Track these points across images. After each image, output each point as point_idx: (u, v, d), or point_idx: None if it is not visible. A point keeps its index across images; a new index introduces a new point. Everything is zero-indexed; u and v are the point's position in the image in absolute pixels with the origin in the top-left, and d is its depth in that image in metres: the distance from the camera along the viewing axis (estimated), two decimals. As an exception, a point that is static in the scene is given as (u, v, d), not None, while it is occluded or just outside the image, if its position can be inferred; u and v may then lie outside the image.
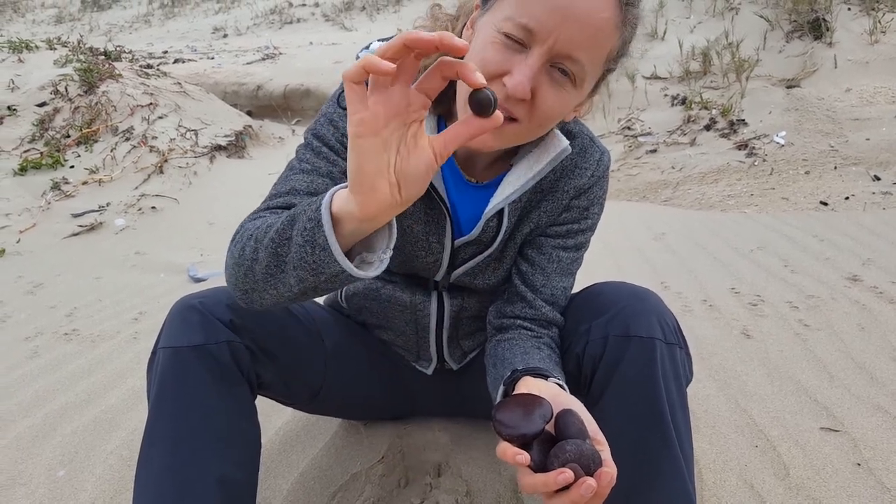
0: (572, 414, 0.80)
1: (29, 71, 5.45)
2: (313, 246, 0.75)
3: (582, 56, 0.85)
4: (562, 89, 0.88)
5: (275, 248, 0.79)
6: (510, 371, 0.98)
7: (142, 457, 0.96)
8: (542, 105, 0.88)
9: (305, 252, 0.76)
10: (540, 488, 0.73)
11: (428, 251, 1.13)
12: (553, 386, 0.89)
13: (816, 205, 3.79)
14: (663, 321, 1.00)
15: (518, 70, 0.84)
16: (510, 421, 0.78)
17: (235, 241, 0.88)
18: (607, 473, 0.72)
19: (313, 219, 0.74)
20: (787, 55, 5.59)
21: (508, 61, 0.85)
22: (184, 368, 0.97)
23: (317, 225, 0.74)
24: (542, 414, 0.78)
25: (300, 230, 0.76)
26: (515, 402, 0.81)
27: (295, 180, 0.98)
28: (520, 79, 0.84)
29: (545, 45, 0.83)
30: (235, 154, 5.09)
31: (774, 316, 2.22)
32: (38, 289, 2.95)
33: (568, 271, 1.14)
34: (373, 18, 10.77)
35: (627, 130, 5.37)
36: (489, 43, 0.87)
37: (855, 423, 1.58)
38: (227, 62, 8.47)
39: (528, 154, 1.04)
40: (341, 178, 0.99)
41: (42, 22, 15.08)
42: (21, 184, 4.24)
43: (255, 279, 0.84)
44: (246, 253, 0.84)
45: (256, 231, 0.84)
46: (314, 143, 1.02)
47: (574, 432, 0.77)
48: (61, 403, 1.82)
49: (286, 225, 0.78)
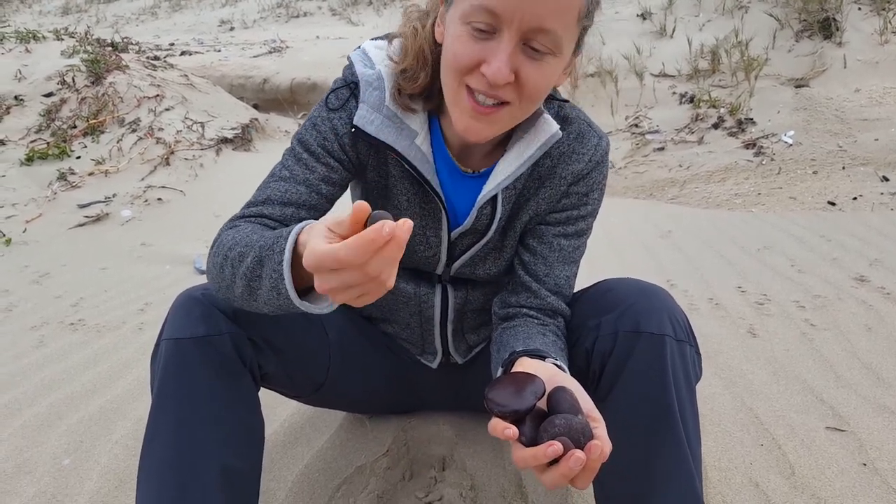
0: (564, 390, 0.80)
1: (36, 61, 5.45)
2: (278, 293, 0.80)
3: (553, 25, 0.84)
4: (542, 62, 0.88)
5: (247, 282, 0.85)
6: (509, 353, 0.99)
7: (145, 447, 0.97)
8: (528, 82, 0.88)
9: (272, 296, 0.82)
10: (530, 462, 0.74)
11: (426, 245, 1.13)
12: (550, 366, 0.89)
13: (824, 205, 3.77)
14: (674, 318, 0.99)
15: (493, 57, 0.85)
16: (502, 398, 0.78)
17: (215, 251, 0.93)
18: (597, 446, 0.72)
19: (277, 271, 0.79)
20: (796, 54, 5.57)
21: (482, 51, 0.86)
22: (186, 360, 0.97)
23: (279, 278, 0.78)
24: (534, 391, 0.78)
25: (268, 276, 0.81)
26: (508, 381, 0.82)
27: (272, 189, 1.03)
28: (496, 65, 0.84)
29: (513, 26, 0.83)
30: (242, 147, 5.08)
31: (781, 315, 2.21)
32: (44, 278, 2.96)
33: (570, 259, 1.13)
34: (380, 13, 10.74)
35: (635, 128, 5.35)
36: (457, 37, 0.87)
37: (861, 423, 1.58)
38: (233, 55, 8.46)
39: (519, 140, 1.04)
40: (317, 183, 1.03)
41: (48, 13, 15.08)
42: (27, 174, 4.25)
43: (234, 297, 0.91)
44: (225, 274, 0.90)
45: (231, 253, 0.89)
46: (297, 150, 1.05)
47: (566, 408, 0.77)
48: (67, 393, 1.83)
49: (256, 264, 0.83)
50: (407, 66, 0.99)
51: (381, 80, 1.01)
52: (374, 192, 1.11)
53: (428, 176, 1.04)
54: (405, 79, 1.00)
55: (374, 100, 1.01)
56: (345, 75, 1.06)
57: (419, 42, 0.98)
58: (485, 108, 0.89)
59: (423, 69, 0.99)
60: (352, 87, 1.04)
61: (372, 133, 1.01)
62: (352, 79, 1.04)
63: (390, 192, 1.09)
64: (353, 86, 1.04)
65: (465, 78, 0.89)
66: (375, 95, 1.01)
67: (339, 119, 1.04)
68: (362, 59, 1.04)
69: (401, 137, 1.02)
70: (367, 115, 1.01)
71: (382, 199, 1.11)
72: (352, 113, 1.03)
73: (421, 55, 0.99)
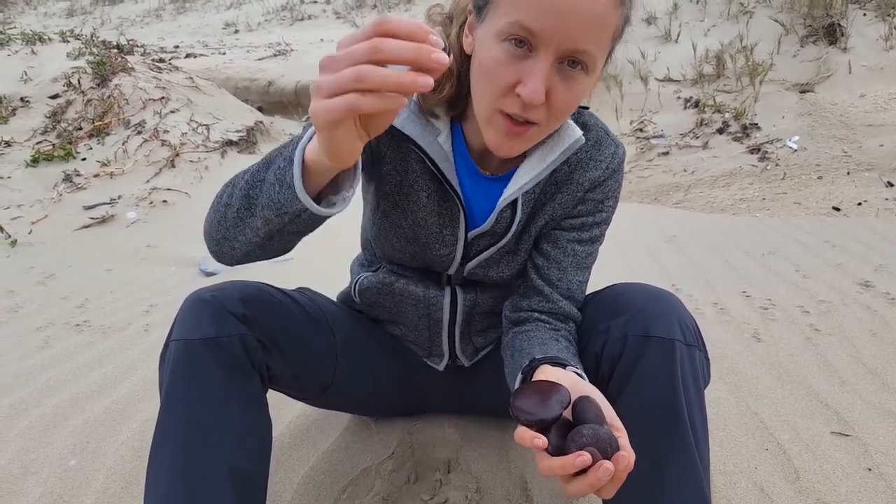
0: (590, 400, 0.80)
1: (42, 63, 5.48)
2: (282, 184, 0.79)
3: (589, 46, 0.84)
4: (575, 81, 0.87)
5: (248, 189, 0.84)
6: (528, 360, 0.99)
7: (154, 448, 0.97)
8: (558, 103, 0.88)
9: (274, 190, 0.81)
10: (558, 471, 0.74)
11: (442, 243, 1.13)
12: (571, 374, 0.89)
13: (829, 210, 3.77)
14: (683, 323, 0.99)
15: (530, 78, 0.84)
16: (528, 406, 0.78)
17: (216, 195, 0.93)
18: (624, 457, 0.73)
19: (287, 158, 0.79)
20: (801, 60, 5.57)
21: (518, 71, 0.85)
22: (195, 361, 0.97)
23: (289, 163, 0.78)
24: (560, 400, 0.79)
25: (275, 170, 0.81)
26: (533, 389, 0.82)
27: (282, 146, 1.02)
28: (533, 87, 0.83)
29: (551, 46, 0.83)
30: (246, 149, 5.09)
31: (786, 320, 2.21)
32: (50, 280, 2.97)
33: (583, 265, 1.14)
34: (384, 16, 10.76)
35: (640, 132, 5.35)
36: (493, 57, 0.86)
37: (866, 428, 1.57)
38: (238, 58, 8.49)
39: (541, 145, 1.04)
40: None
41: (54, 15, 15.15)
42: (33, 175, 4.26)
43: (226, 225, 0.89)
44: (222, 199, 0.89)
45: (234, 178, 0.89)
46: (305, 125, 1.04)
47: (591, 418, 0.78)
48: (73, 394, 1.83)
49: (261, 167, 0.84)
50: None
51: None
52: (389, 186, 1.11)
53: (448, 174, 1.04)
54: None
55: None
56: None
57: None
58: (519, 126, 0.89)
59: (448, 80, 0.99)
60: None
61: (397, 125, 1.00)
62: None
63: (410, 187, 1.09)
64: None
65: (499, 102, 0.88)
66: None
67: None
68: None
69: (425, 133, 1.02)
70: None
71: (398, 195, 1.11)
72: None
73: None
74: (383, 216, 1.15)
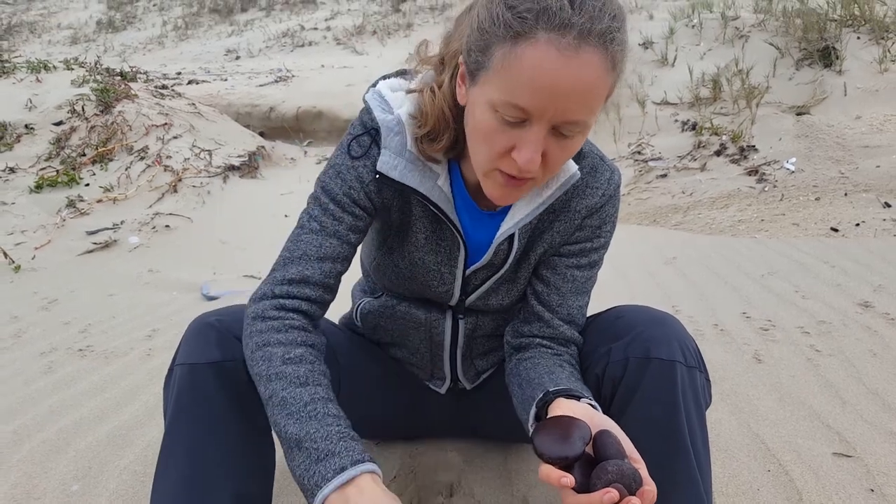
0: (610, 435, 0.82)
1: (47, 90, 5.54)
2: (305, 485, 0.85)
3: (582, 116, 0.85)
4: (570, 141, 0.88)
5: (282, 435, 0.90)
6: (542, 392, 0.98)
7: (158, 471, 0.97)
8: (554, 161, 0.90)
9: (300, 476, 0.86)
10: None
11: (440, 281, 1.14)
12: (586, 407, 0.90)
13: (827, 231, 3.79)
14: (684, 345, 1.01)
15: (524, 146, 0.85)
16: (551, 444, 0.80)
17: (254, 358, 0.96)
18: (650, 492, 0.75)
19: (313, 484, 0.84)
20: (796, 82, 5.63)
21: (513, 137, 0.86)
22: (200, 385, 0.98)
23: (313, 487, 0.84)
24: (582, 436, 0.80)
25: (300, 468, 0.86)
26: (553, 425, 0.84)
27: (306, 243, 1.02)
28: (528, 156, 0.85)
29: (543, 119, 0.83)
30: (248, 174, 5.14)
31: (786, 341, 2.22)
32: (53, 305, 2.98)
33: (583, 290, 1.15)
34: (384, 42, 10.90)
35: (638, 155, 5.39)
36: (486, 122, 0.87)
37: (868, 449, 1.58)
38: (240, 84, 8.58)
39: None
40: (346, 234, 1.03)
41: (58, 42, 15.33)
42: (37, 201, 4.29)
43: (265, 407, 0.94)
44: (264, 394, 0.94)
45: (280, 393, 0.92)
46: (322, 199, 1.04)
47: (613, 452, 0.79)
48: (75, 419, 1.84)
49: (295, 442, 0.88)
50: (430, 130, 0.99)
51: (402, 125, 1.01)
52: (393, 230, 1.13)
53: (451, 215, 1.05)
54: (428, 141, 1.00)
55: (395, 145, 1.01)
56: (364, 121, 1.05)
57: (438, 105, 0.98)
58: (517, 181, 0.91)
59: (445, 130, 0.99)
60: (372, 133, 1.03)
61: (396, 178, 1.01)
62: (372, 125, 1.03)
63: (409, 228, 1.10)
64: (373, 132, 1.03)
65: (496, 162, 0.90)
66: (397, 140, 1.01)
67: (364, 167, 1.03)
68: (380, 104, 1.04)
69: (424, 179, 1.03)
70: (391, 161, 1.01)
71: (400, 236, 1.13)
72: (375, 160, 1.02)
73: (442, 117, 0.98)
74: (384, 255, 1.16)
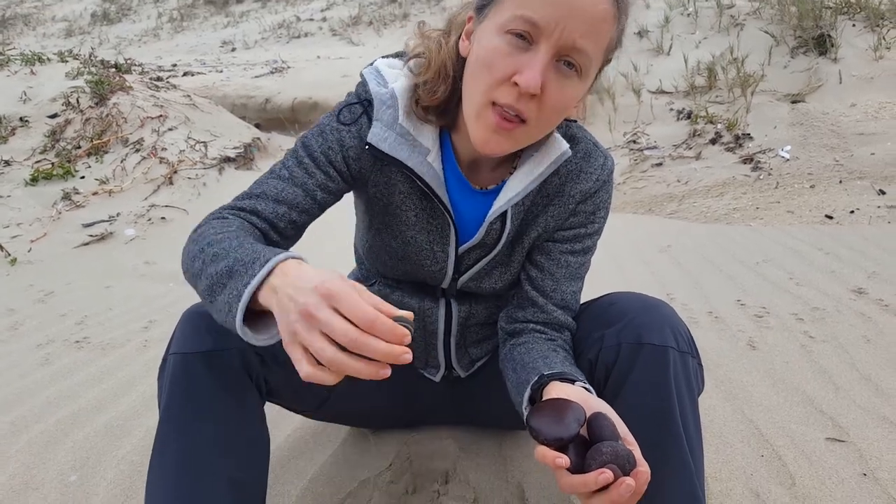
0: (604, 417, 0.83)
1: (41, 83, 5.51)
2: (227, 313, 0.80)
3: (587, 45, 0.88)
4: (568, 82, 0.91)
5: (211, 284, 0.84)
6: (536, 376, 0.99)
7: (153, 461, 0.98)
8: (550, 100, 0.91)
9: (222, 309, 0.82)
10: (580, 489, 0.76)
11: (433, 260, 1.15)
12: (581, 390, 0.91)
13: (822, 218, 3.80)
14: (676, 331, 1.01)
15: (529, 66, 0.87)
16: (546, 426, 0.81)
17: (195, 238, 0.94)
18: (644, 473, 0.76)
19: (239, 291, 0.79)
20: (791, 70, 5.62)
21: (517, 62, 0.88)
22: (194, 374, 0.98)
23: (236, 298, 0.79)
24: (576, 418, 0.81)
25: (230, 290, 0.81)
26: (548, 408, 0.85)
27: (269, 185, 1.03)
28: (531, 74, 0.87)
29: (552, 38, 0.86)
30: (244, 166, 5.12)
31: (780, 328, 2.23)
32: (49, 297, 2.98)
33: (577, 275, 1.16)
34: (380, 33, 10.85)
35: (633, 144, 5.39)
36: (493, 48, 0.89)
37: (860, 434, 1.59)
38: (235, 75, 8.54)
39: (529, 158, 1.07)
40: (314, 189, 1.03)
41: (52, 35, 15.23)
42: (32, 194, 4.28)
43: (195, 288, 0.90)
44: (195, 266, 0.89)
45: (209, 249, 0.88)
46: (299, 152, 1.05)
47: (607, 434, 0.80)
48: (73, 410, 1.84)
49: (225, 273, 0.83)
50: (428, 79, 1.01)
51: (395, 99, 1.03)
52: (377, 207, 1.13)
53: (439, 192, 1.06)
54: (425, 91, 1.01)
55: (387, 118, 1.03)
56: (358, 92, 1.07)
57: (442, 56, 1.00)
58: (508, 122, 0.91)
59: (443, 83, 1.01)
60: (365, 104, 1.06)
61: (386, 150, 1.02)
62: (365, 96, 1.06)
63: (398, 207, 1.11)
64: (366, 103, 1.05)
65: (493, 92, 0.90)
66: (389, 114, 1.03)
67: (349, 133, 1.05)
68: (376, 78, 1.06)
69: (413, 154, 1.03)
70: (381, 133, 1.02)
71: (387, 215, 1.13)
72: (362, 129, 1.04)
73: (443, 69, 1.00)
74: (374, 236, 1.17)
